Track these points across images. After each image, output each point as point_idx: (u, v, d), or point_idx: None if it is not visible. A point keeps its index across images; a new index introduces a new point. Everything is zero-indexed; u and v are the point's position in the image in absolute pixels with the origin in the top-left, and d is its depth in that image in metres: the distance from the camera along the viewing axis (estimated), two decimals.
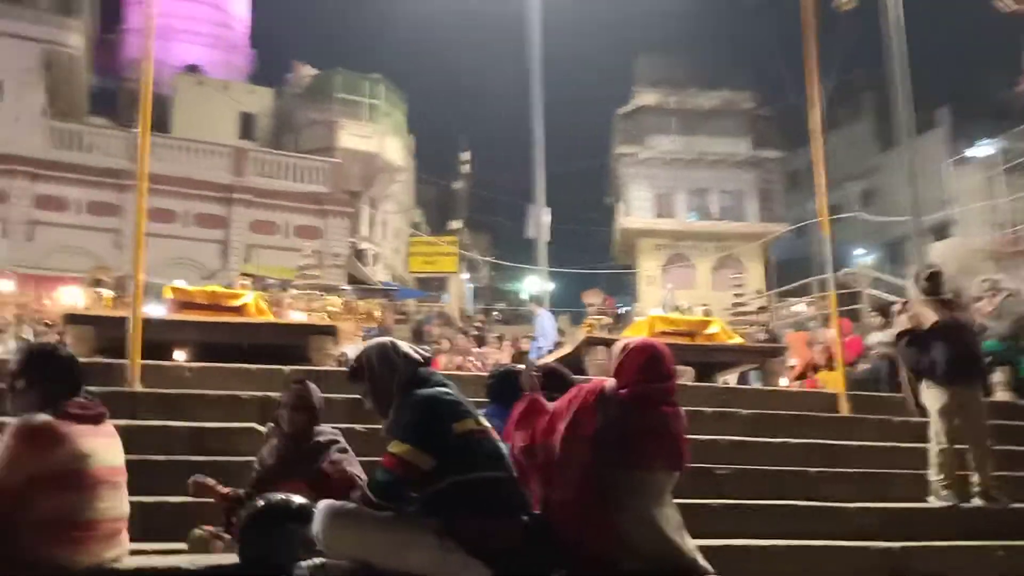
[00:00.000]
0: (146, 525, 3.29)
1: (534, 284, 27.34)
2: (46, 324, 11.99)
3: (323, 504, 3.00)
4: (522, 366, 4.60)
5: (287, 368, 6.28)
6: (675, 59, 35.86)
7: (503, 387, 4.22)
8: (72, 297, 15.84)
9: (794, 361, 11.15)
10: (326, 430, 4.08)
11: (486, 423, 3.19)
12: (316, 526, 2.93)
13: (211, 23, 32.07)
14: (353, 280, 23.75)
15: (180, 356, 7.66)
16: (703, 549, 3.20)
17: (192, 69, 30.09)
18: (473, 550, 2.89)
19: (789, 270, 27.22)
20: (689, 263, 34.70)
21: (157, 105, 7.14)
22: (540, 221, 18.34)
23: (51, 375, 3.06)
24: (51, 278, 18.44)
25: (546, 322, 14.24)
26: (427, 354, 3.37)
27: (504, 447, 3.21)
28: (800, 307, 18.89)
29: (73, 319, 7.05)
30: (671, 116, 36.02)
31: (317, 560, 2.93)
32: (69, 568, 2.82)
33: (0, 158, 22.16)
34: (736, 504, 4.84)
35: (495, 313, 32.68)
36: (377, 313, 11.69)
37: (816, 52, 7.18)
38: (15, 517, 2.78)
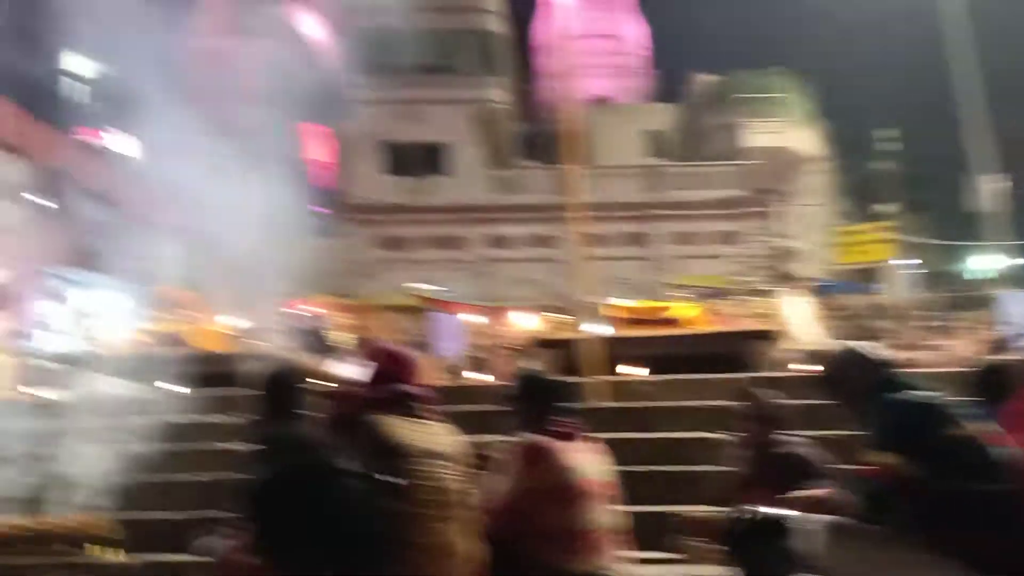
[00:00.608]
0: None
1: (989, 263, 24.06)
2: (514, 350, 13.43)
3: (820, 519, 2.90)
4: (1012, 358, 4.04)
5: (733, 376, 6.28)
6: None
7: (991, 383, 3.75)
8: (526, 323, 17.67)
9: None
10: (791, 439, 3.98)
11: (978, 426, 2.84)
12: (810, 541, 2.84)
13: (612, 54, 33.80)
14: (782, 280, 23.12)
15: (625, 369, 8.08)
16: None
17: (601, 101, 31.93)
18: (975, 568, 2.58)
19: None
20: None
21: (576, 139, 7.70)
22: (988, 191, 16.15)
23: (539, 397, 3.40)
24: (505, 308, 20.75)
25: (1012, 306, 12.46)
26: (891, 354, 3.14)
27: (1003, 453, 2.82)
28: None
29: (541, 343, 7.87)
30: None
31: None
32: (570, 574, 3.08)
33: (457, 208, 25.79)
34: None
35: (946, 299, 29.36)
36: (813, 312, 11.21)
37: None
38: (521, 528, 3.09)
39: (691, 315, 8.50)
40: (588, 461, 3.27)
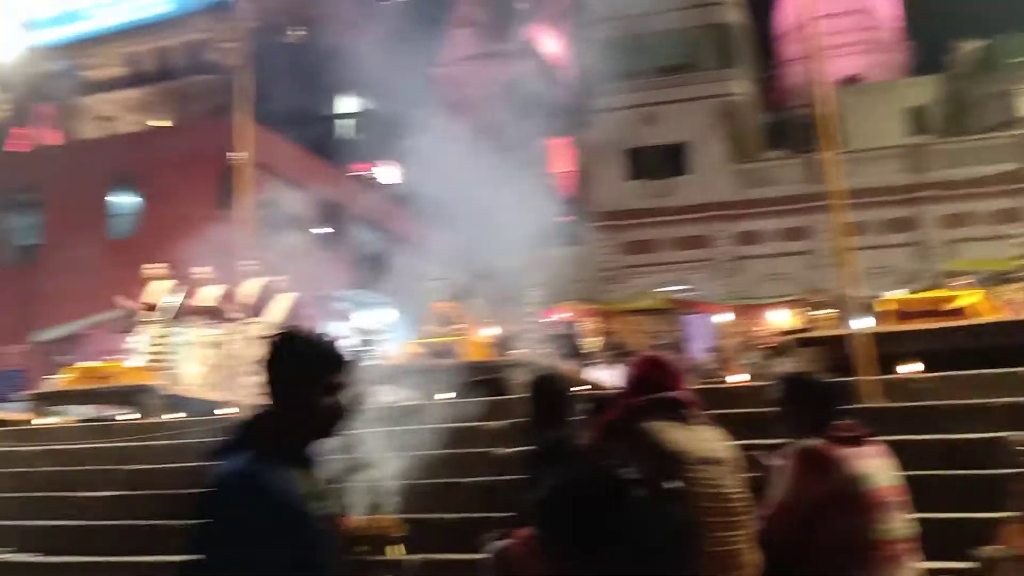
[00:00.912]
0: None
1: None
2: (771, 349, 12.95)
3: None
4: None
5: None
6: None
7: None
8: (781, 320, 16.96)
9: None
10: None
11: None
12: None
13: (861, 30, 31.59)
14: None
15: (905, 368, 7.49)
16: None
17: (852, 80, 29.96)
18: None
19: None
20: None
21: (829, 124, 7.28)
22: None
23: (813, 401, 3.24)
24: (758, 305, 20.05)
25: None
26: None
27: None
28: None
29: (802, 342, 7.52)
30: None
31: None
32: None
33: (702, 207, 25.35)
34: None
35: None
36: None
37: None
38: (805, 538, 2.96)
39: (978, 304, 7.67)
40: (876, 466, 3.08)
